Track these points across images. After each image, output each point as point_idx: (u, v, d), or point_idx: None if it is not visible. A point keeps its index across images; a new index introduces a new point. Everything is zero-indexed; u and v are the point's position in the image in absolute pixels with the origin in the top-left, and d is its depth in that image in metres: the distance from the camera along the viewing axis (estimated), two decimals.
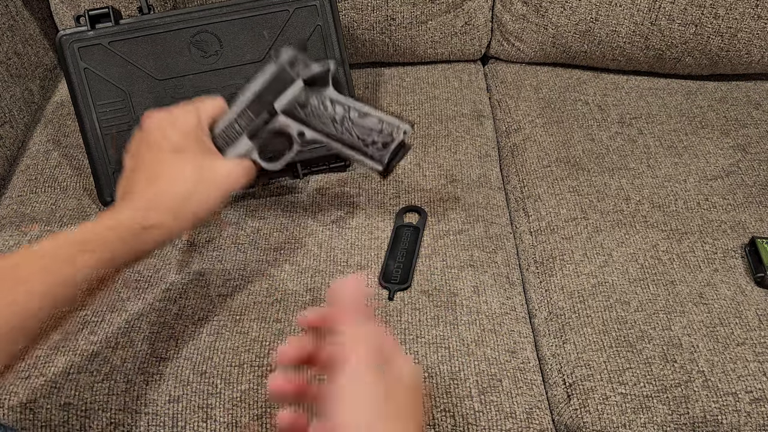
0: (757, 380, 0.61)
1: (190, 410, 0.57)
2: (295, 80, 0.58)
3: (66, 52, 0.71)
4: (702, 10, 0.88)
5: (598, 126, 0.89)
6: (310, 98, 0.57)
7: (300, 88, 0.57)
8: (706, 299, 0.67)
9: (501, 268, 0.71)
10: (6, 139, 0.83)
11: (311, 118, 0.58)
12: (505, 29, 0.97)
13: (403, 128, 0.58)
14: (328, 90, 0.58)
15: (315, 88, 0.58)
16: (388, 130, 0.58)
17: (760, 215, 0.76)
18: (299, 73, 0.58)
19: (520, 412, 0.60)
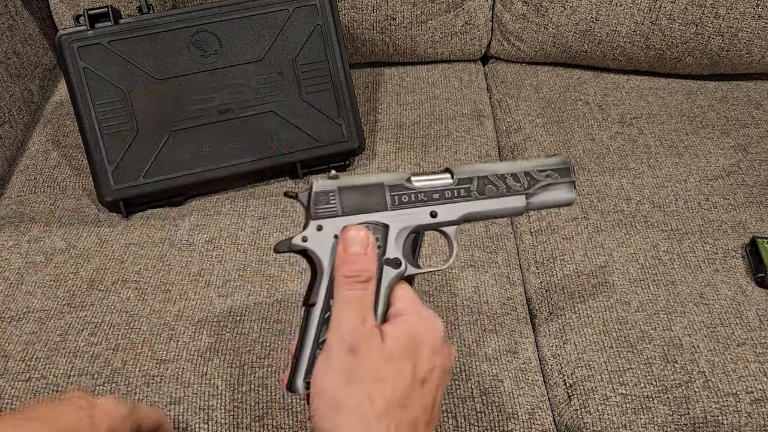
0: (758, 380, 0.61)
1: (191, 412, 0.57)
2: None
3: (65, 51, 0.71)
4: (703, 10, 0.88)
5: (598, 126, 0.89)
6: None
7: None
8: (706, 299, 0.67)
9: (502, 268, 0.71)
10: (5, 139, 0.83)
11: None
12: (505, 29, 0.97)
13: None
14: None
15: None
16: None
17: (761, 215, 0.76)
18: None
19: (522, 412, 0.60)
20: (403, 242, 0.45)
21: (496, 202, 0.46)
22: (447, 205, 0.46)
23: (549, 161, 0.48)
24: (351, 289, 0.39)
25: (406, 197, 0.45)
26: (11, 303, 0.65)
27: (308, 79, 0.76)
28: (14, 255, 0.70)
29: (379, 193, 0.44)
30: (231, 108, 0.75)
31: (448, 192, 0.46)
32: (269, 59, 0.75)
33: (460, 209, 0.46)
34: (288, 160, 0.76)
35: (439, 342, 0.39)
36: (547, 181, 0.47)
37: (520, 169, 0.47)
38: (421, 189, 0.45)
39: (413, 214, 0.45)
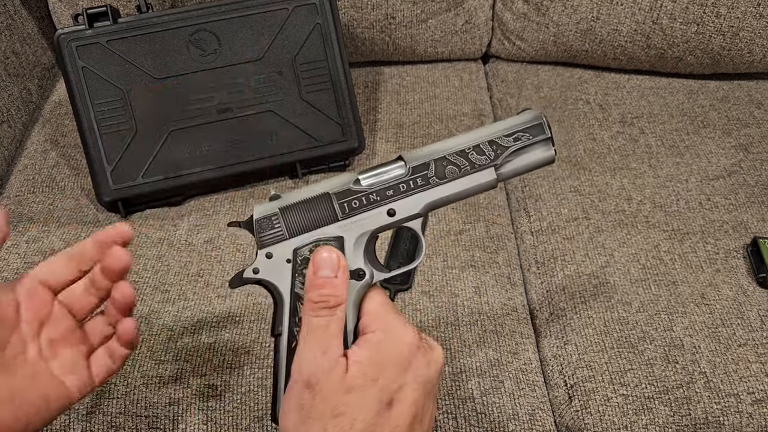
0: (759, 381, 0.61)
1: (190, 413, 0.57)
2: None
3: (64, 51, 0.70)
4: (704, 9, 0.87)
5: (599, 125, 0.89)
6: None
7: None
8: (707, 300, 0.67)
9: (502, 269, 0.71)
10: (4, 138, 0.82)
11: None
12: (506, 28, 0.97)
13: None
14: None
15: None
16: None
17: (762, 215, 0.76)
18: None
19: (523, 413, 0.59)
20: (363, 249, 0.41)
21: (460, 183, 0.41)
22: (404, 200, 0.41)
23: (517, 120, 0.42)
24: (317, 315, 0.37)
25: (357, 202, 0.40)
26: None
27: (308, 79, 0.76)
28: (13, 255, 0.70)
29: (327, 205, 0.40)
30: (230, 107, 0.74)
31: (403, 185, 0.41)
32: (268, 58, 0.75)
33: (420, 200, 0.41)
34: (287, 159, 0.76)
35: (408, 356, 0.37)
36: (517, 145, 0.41)
37: (484, 138, 0.41)
38: (371, 189, 0.41)
39: (368, 218, 0.41)
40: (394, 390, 0.36)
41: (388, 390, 0.36)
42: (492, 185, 0.41)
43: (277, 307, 0.40)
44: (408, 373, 0.37)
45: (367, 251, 0.41)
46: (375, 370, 0.36)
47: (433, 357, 0.38)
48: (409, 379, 0.37)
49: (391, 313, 0.38)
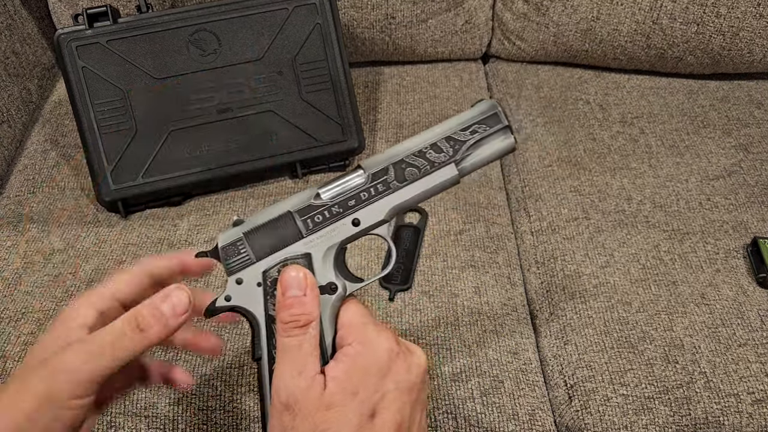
0: (759, 381, 0.61)
1: (190, 413, 0.57)
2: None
3: (64, 51, 0.70)
4: (704, 9, 0.87)
5: (599, 125, 0.89)
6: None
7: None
8: (707, 300, 0.67)
9: (502, 269, 0.71)
10: (3, 138, 0.82)
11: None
12: (506, 28, 0.97)
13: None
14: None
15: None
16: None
17: (762, 215, 0.76)
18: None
19: (523, 413, 0.59)
20: (333, 262, 0.40)
21: (422, 183, 0.41)
22: (368, 208, 0.40)
23: (472, 113, 0.41)
24: (289, 335, 0.36)
25: (319, 216, 0.40)
26: (9, 303, 0.64)
27: (308, 79, 0.76)
28: (12, 255, 0.70)
29: (290, 224, 0.40)
30: (230, 107, 0.74)
31: (364, 193, 0.40)
32: (268, 58, 0.75)
33: (383, 206, 0.40)
34: (287, 159, 0.76)
35: (386, 363, 0.36)
36: (475, 138, 0.41)
37: (440, 135, 0.41)
38: (333, 201, 0.40)
39: (333, 231, 0.40)
40: (376, 400, 0.35)
41: (369, 401, 0.35)
42: (455, 181, 0.41)
43: (254, 331, 0.40)
44: (388, 381, 0.36)
45: (337, 264, 0.41)
46: (353, 383, 0.35)
47: (413, 361, 0.37)
48: (389, 387, 0.36)
49: (367, 322, 0.38)
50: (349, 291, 0.40)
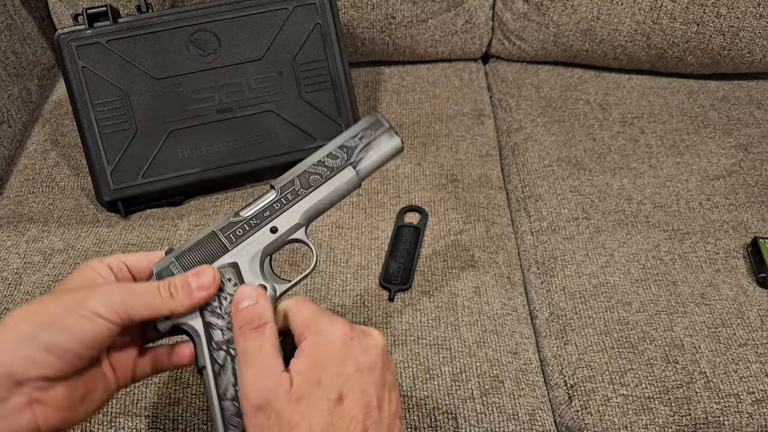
0: (759, 381, 0.61)
1: (190, 413, 0.57)
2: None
3: (64, 51, 0.70)
4: (704, 9, 0.87)
5: (599, 125, 0.89)
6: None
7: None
8: (708, 300, 0.67)
9: (502, 269, 0.71)
10: (3, 138, 0.82)
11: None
12: (506, 28, 0.97)
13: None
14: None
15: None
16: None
17: (762, 215, 0.76)
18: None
19: (523, 413, 0.59)
20: (259, 268, 0.45)
21: (326, 187, 0.47)
22: (282, 215, 0.46)
23: (360, 125, 0.48)
24: (246, 339, 0.38)
25: (240, 230, 0.45)
26: (10, 303, 0.64)
27: (308, 78, 0.76)
28: (12, 255, 0.70)
29: (215, 241, 0.45)
30: (230, 107, 0.74)
31: (277, 204, 0.46)
32: (268, 58, 0.75)
33: (296, 212, 0.46)
34: (287, 159, 0.76)
35: (343, 348, 0.38)
36: (364, 143, 0.47)
37: (334, 145, 0.47)
38: (250, 217, 0.45)
39: (254, 240, 0.45)
40: (340, 384, 0.37)
41: (334, 386, 0.37)
42: (355, 182, 0.47)
43: (195, 342, 0.42)
44: (348, 365, 0.38)
45: (263, 269, 0.45)
46: (317, 373, 0.37)
47: (369, 343, 0.39)
48: (350, 370, 0.38)
49: (319, 316, 0.40)
50: (279, 292, 0.44)
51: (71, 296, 0.38)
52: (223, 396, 0.42)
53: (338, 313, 0.64)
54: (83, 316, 0.37)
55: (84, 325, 0.37)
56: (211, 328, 0.43)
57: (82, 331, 0.37)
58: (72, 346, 0.37)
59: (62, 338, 0.36)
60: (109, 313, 0.37)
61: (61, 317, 0.37)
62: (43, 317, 0.37)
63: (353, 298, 0.66)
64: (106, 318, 0.37)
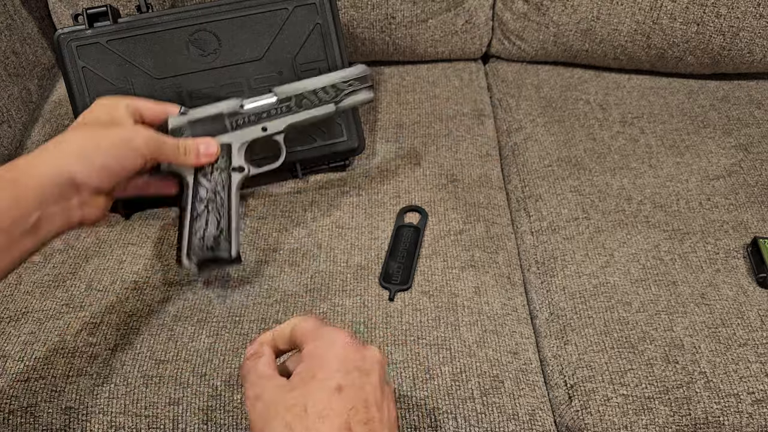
0: (760, 381, 0.61)
1: (190, 412, 0.57)
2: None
3: (64, 50, 0.70)
4: (704, 9, 0.87)
5: (599, 125, 0.89)
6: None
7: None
8: (708, 300, 0.67)
9: (502, 269, 0.71)
10: (3, 138, 0.82)
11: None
12: (506, 28, 0.97)
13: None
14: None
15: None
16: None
17: (763, 215, 0.76)
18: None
19: (523, 413, 0.59)
20: (244, 153, 0.61)
21: (311, 112, 0.63)
22: (274, 121, 0.62)
23: (351, 71, 0.64)
24: (246, 367, 0.43)
25: (241, 120, 0.61)
26: (10, 303, 0.65)
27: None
28: None
29: (220, 121, 0.61)
30: None
31: (274, 110, 0.62)
32: (269, 58, 0.75)
33: (284, 122, 0.63)
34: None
35: (342, 352, 0.40)
36: (350, 89, 0.63)
37: (328, 82, 0.63)
38: (251, 112, 0.62)
39: (248, 132, 0.61)
40: (339, 378, 0.38)
41: (332, 379, 0.38)
42: (331, 113, 0.64)
43: (182, 191, 0.60)
44: (347, 365, 0.39)
45: (246, 154, 0.62)
46: (312, 370, 0.39)
47: (368, 353, 0.41)
48: (350, 368, 0.39)
49: (321, 326, 0.43)
50: (252, 173, 0.62)
51: (120, 133, 0.52)
52: (194, 234, 0.59)
53: (338, 313, 0.64)
54: (131, 150, 0.51)
55: (129, 157, 0.51)
56: (199, 185, 0.60)
57: (126, 160, 0.51)
58: (118, 170, 0.50)
59: (113, 163, 0.50)
60: (148, 153, 0.53)
61: (113, 148, 0.50)
62: (99, 143, 0.50)
63: (353, 298, 0.66)
64: (144, 156, 0.52)
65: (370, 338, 0.62)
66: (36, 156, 0.47)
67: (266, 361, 0.43)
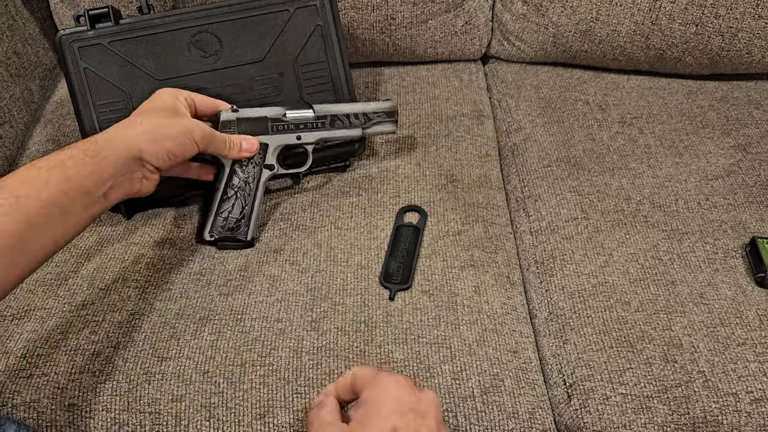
0: (758, 380, 0.61)
1: (192, 409, 0.57)
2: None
3: (66, 51, 0.71)
4: (703, 10, 0.88)
5: (598, 126, 0.89)
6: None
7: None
8: (706, 299, 0.67)
9: (502, 268, 0.72)
10: (5, 138, 0.83)
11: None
12: (505, 29, 0.97)
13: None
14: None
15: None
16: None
17: (761, 215, 0.76)
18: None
19: (523, 412, 0.60)
20: (277, 155, 0.70)
21: (341, 131, 0.72)
22: (308, 132, 0.71)
23: (383, 104, 0.73)
24: (312, 416, 0.47)
25: (281, 127, 0.70)
26: (12, 301, 0.65)
27: (309, 80, 0.76)
28: None
29: (264, 123, 0.70)
30: None
31: (310, 124, 0.71)
32: (270, 60, 0.75)
33: (316, 135, 0.71)
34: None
35: (397, 395, 0.43)
36: (378, 119, 0.73)
37: (360, 110, 0.73)
38: (291, 121, 0.71)
39: (285, 137, 0.71)
40: (394, 420, 0.40)
41: (387, 421, 0.40)
42: (358, 136, 0.73)
43: (220, 173, 0.69)
44: (402, 406, 0.41)
45: (279, 156, 0.71)
46: (368, 414, 0.41)
47: (423, 396, 0.44)
48: (405, 410, 0.41)
49: (378, 372, 0.46)
50: (279, 172, 0.71)
51: (184, 123, 0.60)
52: (219, 214, 0.68)
53: (339, 312, 0.64)
54: (189, 139, 0.60)
55: (188, 145, 0.60)
56: (234, 173, 0.69)
57: (186, 147, 0.60)
58: (178, 154, 0.59)
59: (176, 148, 0.59)
60: (202, 144, 0.61)
61: (179, 136, 0.59)
62: (168, 130, 0.58)
63: (354, 298, 0.66)
64: (200, 145, 0.61)
65: (371, 337, 0.63)
66: (113, 133, 0.56)
67: (329, 410, 0.46)
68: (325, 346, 0.61)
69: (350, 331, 0.63)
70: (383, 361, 0.61)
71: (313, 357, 0.61)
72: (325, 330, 0.63)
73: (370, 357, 0.61)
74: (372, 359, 0.61)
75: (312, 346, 0.61)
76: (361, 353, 0.61)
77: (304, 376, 0.59)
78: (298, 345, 0.61)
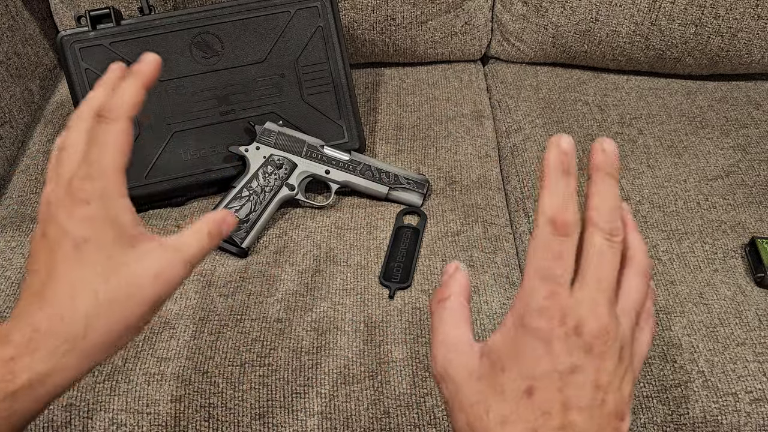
0: (757, 380, 0.61)
1: (192, 410, 0.57)
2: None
3: (67, 52, 0.71)
4: (702, 10, 0.88)
5: (598, 126, 0.89)
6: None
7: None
8: (706, 299, 0.67)
9: (501, 269, 0.72)
10: (6, 139, 0.83)
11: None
12: (505, 29, 0.98)
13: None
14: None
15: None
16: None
17: (760, 215, 0.76)
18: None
19: None
20: (301, 179, 0.73)
21: (367, 182, 0.74)
22: (338, 171, 0.73)
23: (415, 177, 0.75)
24: (432, 312, 0.37)
25: (315, 155, 0.73)
26: (13, 302, 0.65)
27: (309, 81, 0.77)
28: (16, 255, 0.70)
29: (300, 145, 0.73)
30: (233, 109, 0.75)
31: (342, 164, 0.74)
32: (271, 61, 0.75)
33: (343, 176, 0.73)
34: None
35: (545, 344, 0.32)
36: (406, 185, 0.74)
37: (393, 171, 0.74)
38: (326, 154, 0.74)
39: (315, 166, 0.73)
40: (535, 378, 0.32)
41: (523, 378, 0.32)
42: (382, 195, 0.75)
43: (243, 170, 0.72)
44: (548, 362, 0.32)
45: (303, 182, 0.73)
46: (505, 359, 0.33)
47: (574, 344, 0.32)
48: (547, 368, 0.32)
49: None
50: (296, 197, 0.73)
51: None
52: (227, 207, 0.68)
53: (339, 311, 0.65)
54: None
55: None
56: (256, 177, 0.71)
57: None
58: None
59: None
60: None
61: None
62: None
63: (354, 297, 0.66)
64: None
65: (371, 337, 0.63)
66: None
67: (456, 318, 0.36)
68: (325, 346, 0.62)
69: (350, 330, 0.63)
70: (383, 361, 0.61)
71: (312, 357, 0.61)
72: (325, 330, 0.63)
73: (370, 357, 0.61)
74: (372, 359, 0.61)
75: (311, 346, 0.62)
76: (361, 353, 0.61)
77: (303, 376, 0.59)
78: (298, 345, 0.62)
